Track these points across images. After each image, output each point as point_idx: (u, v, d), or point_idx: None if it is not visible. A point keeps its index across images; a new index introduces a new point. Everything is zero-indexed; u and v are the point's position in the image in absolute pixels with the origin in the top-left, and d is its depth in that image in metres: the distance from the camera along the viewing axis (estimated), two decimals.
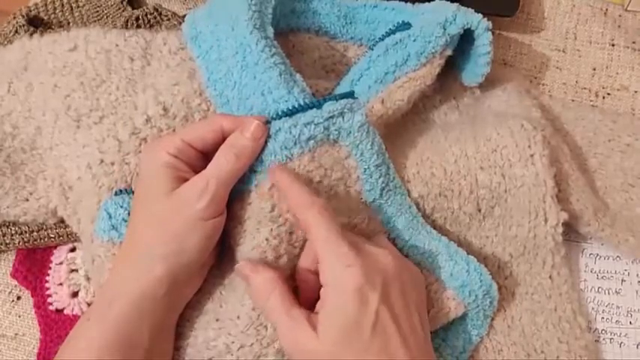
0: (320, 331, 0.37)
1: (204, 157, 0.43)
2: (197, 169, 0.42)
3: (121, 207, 0.43)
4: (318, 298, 0.39)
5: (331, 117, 0.42)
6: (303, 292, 0.41)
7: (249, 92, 0.43)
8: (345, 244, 0.38)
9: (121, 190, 0.44)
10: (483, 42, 0.48)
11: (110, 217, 0.43)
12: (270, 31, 0.45)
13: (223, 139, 0.42)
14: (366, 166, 0.44)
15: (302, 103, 0.42)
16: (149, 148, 0.43)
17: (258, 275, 0.40)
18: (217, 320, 0.42)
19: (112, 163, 0.44)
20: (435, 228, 0.46)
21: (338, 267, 0.37)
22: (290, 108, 0.42)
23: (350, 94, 0.44)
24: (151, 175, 0.42)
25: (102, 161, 0.44)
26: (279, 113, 0.42)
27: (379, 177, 0.44)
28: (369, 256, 0.38)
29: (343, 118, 0.43)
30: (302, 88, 0.43)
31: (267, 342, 0.41)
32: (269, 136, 0.42)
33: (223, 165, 0.41)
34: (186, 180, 0.41)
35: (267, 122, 0.42)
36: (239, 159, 0.41)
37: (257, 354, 0.41)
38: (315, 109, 0.42)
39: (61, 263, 0.50)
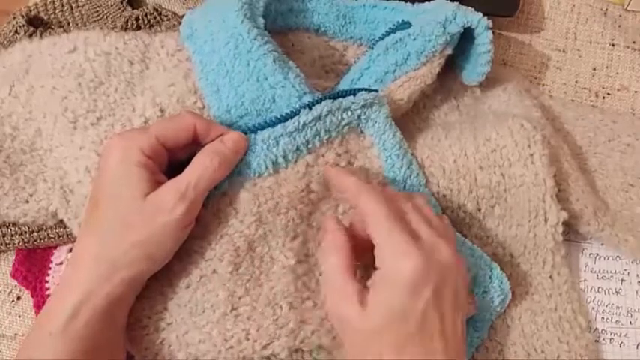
0: (367, 311, 0.36)
1: (169, 156, 0.42)
2: (162, 170, 0.41)
3: None
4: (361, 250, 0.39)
5: (364, 105, 0.44)
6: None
7: (242, 79, 0.44)
8: (404, 232, 0.37)
9: None
10: (483, 41, 0.48)
11: None
12: (261, 22, 0.45)
13: (194, 140, 0.42)
14: (389, 155, 0.45)
15: (300, 88, 0.43)
16: (119, 145, 0.40)
17: (332, 233, 0.40)
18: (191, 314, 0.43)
19: None
20: None
21: (394, 255, 0.37)
22: (319, 97, 0.43)
23: (374, 90, 0.46)
24: (122, 175, 0.39)
25: None
26: (312, 99, 0.43)
27: (400, 167, 0.45)
28: (429, 247, 0.37)
29: (372, 108, 0.45)
30: (297, 74, 0.44)
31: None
32: (318, 118, 0.42)
33: (205, 172, 0.40)
34: (157, 182, 0.40)
35: (254, 131, 0.43)
36: (220, 168, 0.41)
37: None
38: (352, 96, 0.44)
39: (61, 263, 0.50)
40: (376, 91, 0.46)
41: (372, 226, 0.38)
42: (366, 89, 0.45)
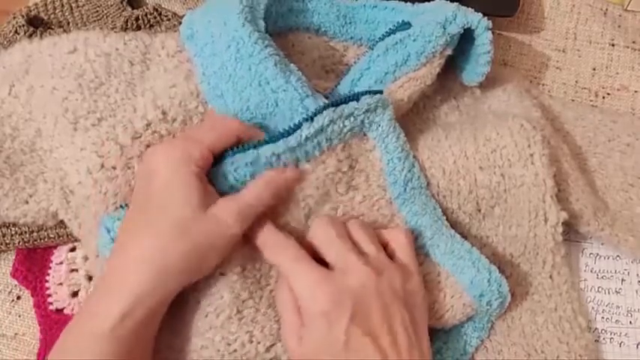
0: (302, 345, 0.39)
1: None
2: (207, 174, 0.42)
3: (119, 220, 0.42)
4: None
5: (368, 110, 0.44)
6: None
7: (245, 84, 0.43)
8: (311, 269, 0.40)
9: (121, 206, 0.43)
10: (483, 41, 0.48)
11: (109, 231, 0.42)
12: (262, 25, 0.45)
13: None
14: (390, 157, 0.45)
15: (302, 92, 0.43)
16: (171, 154, 0.41)
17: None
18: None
19: (114, 168, 0.44)
20: None
21: (305, 292, 0.39)
22: (321, 104, 0.43)
23: (379, 91, 0.46)
24: (177, 184, 0.40)
25: (102, 166, 0.44)
26: (315, 107, 0.43)
27: (402, 169, 0.45)
28: (340, 278, 0.39)
29: (376, 111, 0.44)
30: (298, 77, 0.44)
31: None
32: (320, 130, 0.42)
33: (262, 198, 0.42)
34: (208, 191, 0.41)
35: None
36: (274, 197, 0.42)
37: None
38: (354, 102, 0.44)
39: (61, 263, 0.50)
40: (381, 92, 0.45)
41: (283, 273, 0.41)
42: (369, 92, 0.45)
